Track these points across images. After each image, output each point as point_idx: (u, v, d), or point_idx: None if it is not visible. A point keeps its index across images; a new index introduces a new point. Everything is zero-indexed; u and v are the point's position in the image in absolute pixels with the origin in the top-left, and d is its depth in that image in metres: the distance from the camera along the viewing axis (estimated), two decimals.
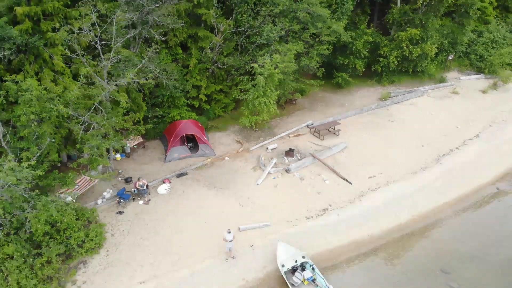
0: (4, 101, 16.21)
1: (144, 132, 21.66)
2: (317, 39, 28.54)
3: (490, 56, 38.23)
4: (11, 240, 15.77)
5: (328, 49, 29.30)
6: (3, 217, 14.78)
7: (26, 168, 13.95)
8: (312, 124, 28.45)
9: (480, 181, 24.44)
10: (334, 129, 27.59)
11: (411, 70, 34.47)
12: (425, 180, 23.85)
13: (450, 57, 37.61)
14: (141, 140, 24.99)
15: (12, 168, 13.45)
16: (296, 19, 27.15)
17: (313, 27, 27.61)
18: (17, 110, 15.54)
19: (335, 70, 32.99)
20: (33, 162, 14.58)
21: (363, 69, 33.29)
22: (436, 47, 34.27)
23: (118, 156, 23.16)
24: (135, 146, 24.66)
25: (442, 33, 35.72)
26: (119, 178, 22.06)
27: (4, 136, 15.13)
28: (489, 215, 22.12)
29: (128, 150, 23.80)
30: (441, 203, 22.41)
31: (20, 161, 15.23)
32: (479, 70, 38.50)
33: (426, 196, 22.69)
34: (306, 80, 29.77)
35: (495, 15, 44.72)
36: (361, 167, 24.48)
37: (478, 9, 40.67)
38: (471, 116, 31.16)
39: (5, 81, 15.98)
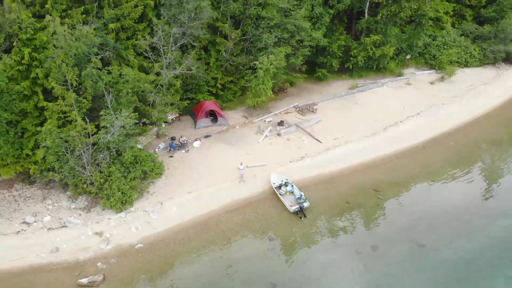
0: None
1: (186, 105, 33.36)
2: (301, 44, 40.01)
3: (441, 55, 49.80)
4: (113, 163, 27.37)
5: (309, 51, 40.87)
6: (113, 147, 26.47)
7: (128, 118, 25.63)
8: (297, 105, 40.06)
9: (412, 143, 35.92)
10: (312, 109, 39.22)
11: (375, 66, 46.07)
12: (373, 141, 35.43)
13: (408, 56, 49.29)
14: (177, 115, 36.61)
15: (128, 115, 25.14)
16: (286, 29, 38.43)
17: (298, 35, 38.99)
18: (118, 86, 27.16)
19: (317, 66, 44.51)
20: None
21: (338, 66, 44.83)
22: (395, 49, 46.08)
23: (164, 125, 34.69)
24: (174, 119, 36.26)
25: (400, 38, 47.35)
26: (167, 137, 33.74)
27: (110, 101, 26.64)
28: (414, 161, 33.65)
29: (170, 121, 35.43)
30: (381, 154, 33.95)
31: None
32: (431, 67, 50.09)
33: (372, 150, 34.22)
34: (294, 74, 41.36)
35: (453, 22, 56.41)
36: (330, 133, 36.05)
37: (436, 17, 52.64)
38: (417, 101, 42.62)
39: (108, 70, 27.52)
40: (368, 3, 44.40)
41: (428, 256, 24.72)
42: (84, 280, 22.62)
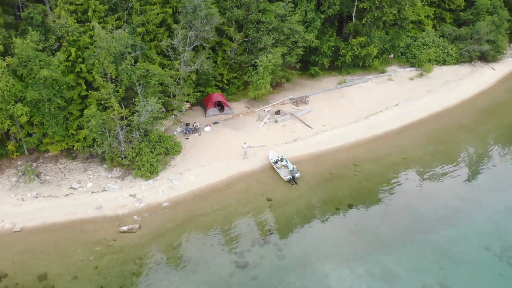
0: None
1: (199, 96, 40.66)
2: (295, 45, 47.24)
3: (420, 54, 57.12)
4: (143, 141, 34.60)
5: (303, 51, 48.12)
6: (143, 128, 33.73)
7: (156, 103, 32.89)
8: (292, 97, 47.36)
9: (389, 128, 43.25)
10: (305, 100, 46.54)
11: (361, 64, 53.40)
12: (355, 127, 42.76)
13: (391, 55, 56.64)
14: (189, 105, 43.87)
15: (156, 101, 32.42)
16: (282, 32, 45.56)
17: (293, 37, 46.19)
18: (147, 79, 34.39)
19: (309, 64, 51.82)
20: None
21: (328, 64, 52.15)
22: (378, 49, 53.41)
23: (179, 113, 41.95)
24: (187, 109, 43.50)
25: (383, 39, 54.67)
26: (182, 123, 41.02)
27: (141, 91, 33.86)
28: (389, 143, 40.99)
29: (184, 110, 42.68)
30: (362, 137, 41.23)
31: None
32: (412, 65, 57.43)
33: (354, 134, 41.51)
34: (289, 71, 48.65)
35: (434, 24, 63.70)
36: (319, 120, 43.37)
37: (418, 21, 59.99)
38: (397, 94, 49.98)
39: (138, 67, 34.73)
40: (355, 9, 51.73)
41: (393, 212, 32.05)
42: (124, 228, 29.85)
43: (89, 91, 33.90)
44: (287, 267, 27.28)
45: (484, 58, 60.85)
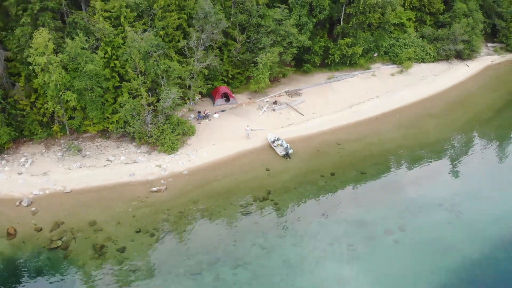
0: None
1: (210, 87, 49.85)
2: (290, 45, 56.36)
3: (401, 53, 66.29)
4: (165, 124, 43.71)
5: (297, 50, 57.27)
6: (165, 113, 42.87)
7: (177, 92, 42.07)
8: (288, 90, 56.54)
9: (369, 115, 52.47)
10: (299, 93, 55.74)
11: (348, 62, 62.58)
12: (341, 115, 51.98)
13: (375, 54, 65.88)
14: (200, 96, 53.00)
15: (176, 91, 41.57)
16: (279, 34, 54.67)
17: (288, 38, 55.35)
18: (169, 73, 43.50)
19: (303, 62, 60.93)
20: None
21: (320, 62, 61.27)
22: (363, 49, 62.60)
23: (192, 102, 51.05)
24: (199, 98, 52.62)
25: (368, 40, 63.89)
26: (195, 111, 50.19)
27: (164, 82, 42.95)
28: (368, 127, 50.19)
29: (196, 100, 51.82)
30: (345, 123, 50.46)
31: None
32: (394, 62, 66.61)
33: (339, 120, 50.74)
34: (285, 67, 57.80)
35: (415, 26, 72.86)
36: (310, 109, 52.55)
37: (401, 23, 69.14)
38: (378, 88, 59.14)
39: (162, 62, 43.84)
40: (343, 13, 60.94)
41: (366, 178, 41.37)
42: (154, 189, 38.94)
43: (122, 82, 42.98)
44: (282, 216, 36.53)
45: (460, 56, 69.97)
